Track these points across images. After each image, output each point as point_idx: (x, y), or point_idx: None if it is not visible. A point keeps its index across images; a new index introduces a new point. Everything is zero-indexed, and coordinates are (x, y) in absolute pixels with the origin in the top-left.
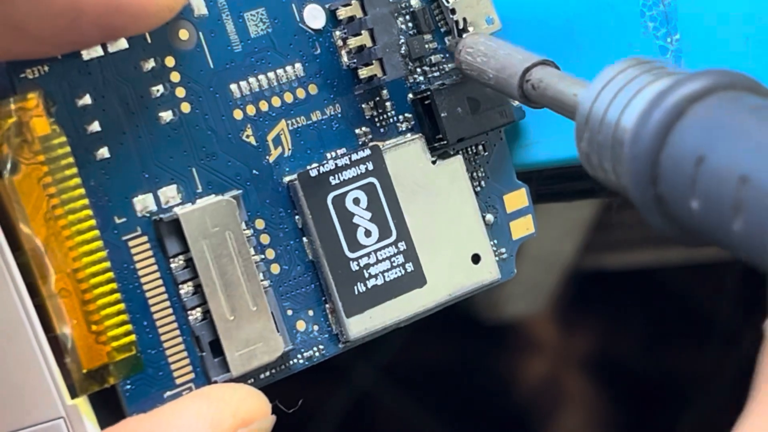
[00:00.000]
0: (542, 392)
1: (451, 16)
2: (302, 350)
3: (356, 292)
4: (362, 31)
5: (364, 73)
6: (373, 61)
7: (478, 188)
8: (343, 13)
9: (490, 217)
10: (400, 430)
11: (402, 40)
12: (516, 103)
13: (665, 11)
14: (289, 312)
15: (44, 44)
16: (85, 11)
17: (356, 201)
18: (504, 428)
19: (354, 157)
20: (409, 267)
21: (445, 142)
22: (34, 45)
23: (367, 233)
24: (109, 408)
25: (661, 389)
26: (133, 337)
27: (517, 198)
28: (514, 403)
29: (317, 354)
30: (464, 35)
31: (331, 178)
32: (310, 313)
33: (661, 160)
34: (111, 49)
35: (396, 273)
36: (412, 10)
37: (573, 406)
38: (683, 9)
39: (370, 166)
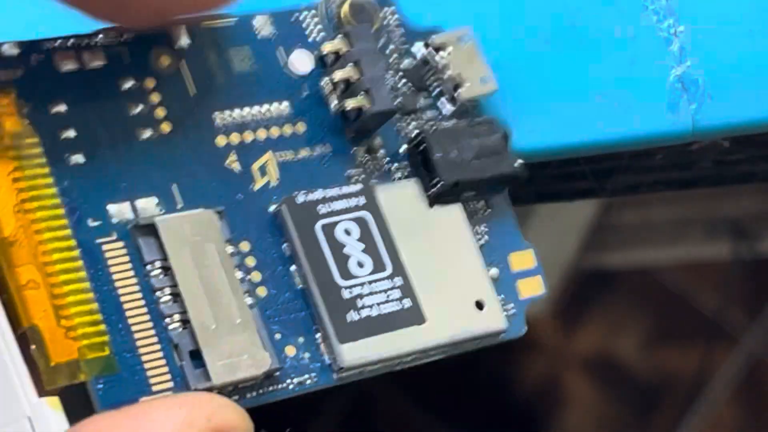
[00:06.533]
0: (542, 392)
1: (442, 74)
2: (293, 375)
3: (349, 320)
4: (348, 65)
5: (350, 104)
6: (360, 93)
7: (482, 243)
8: (328, 47)
9: (495, 271)
10: (400, 430)
11: (389, 75)
12: (518, 162)
13: (668, 5)
14: (278, 336)
15: None
16: None
17: (347, 232)
18: (504, 428)
19: (345, 190)
20: (407, 303)
21: (441, 183)
22: None
23: (360, 264)
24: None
25: (662, 389)
26: (106, 338)
27: (524, 258)
28: (514, 403)
29: (309, 381)
30: None
31: (319, 206)
32: (301, 340)
33: None
34: (88, 65)
35: (392, 307)
36: (405, 68)
37: (573, 406)
38: (686, 2)
39: (362, 201)
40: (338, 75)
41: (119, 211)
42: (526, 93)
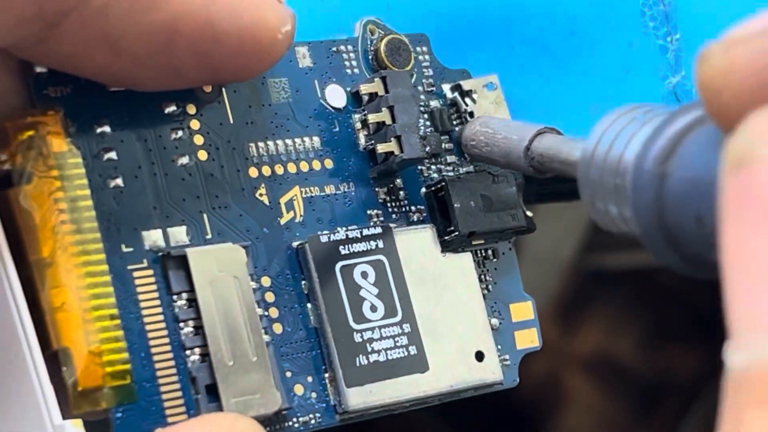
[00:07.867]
0: (542, 392)
1: (469, 119)
2: (299, 414)
3: (358, 364)
4: (382, 109)
5: (380, 149)
6: (391, 139)
7: (486, 291)
8: (365, 89)
9: (495, 321)
10: (400, 429)
11: (421, 123)
12: (531, 213)
13: (665, 11)
14: (288, 374)
15: (141, 65)
16: (181, 33)
17: (364, 275)
18: (504, 428)
19: (365, 232)
20: (413, 350)
21: (457, 233)
22: (131, 64)
23: (373, 308)
24: None
25: (661, 389)
26: (128, 366)
27: (524, 309)
28: (514, 403)
29: (313, 421)
30: (464, 126)
31: (341, 247)
32: (309, 379)
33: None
34: None
35: (399, 353)
36: (430, 109)
37: (573, 406)
38: (683, 8)
39: (381, 244)
40: (372, 118)
41: (152, 238)
42: (519, 101)
